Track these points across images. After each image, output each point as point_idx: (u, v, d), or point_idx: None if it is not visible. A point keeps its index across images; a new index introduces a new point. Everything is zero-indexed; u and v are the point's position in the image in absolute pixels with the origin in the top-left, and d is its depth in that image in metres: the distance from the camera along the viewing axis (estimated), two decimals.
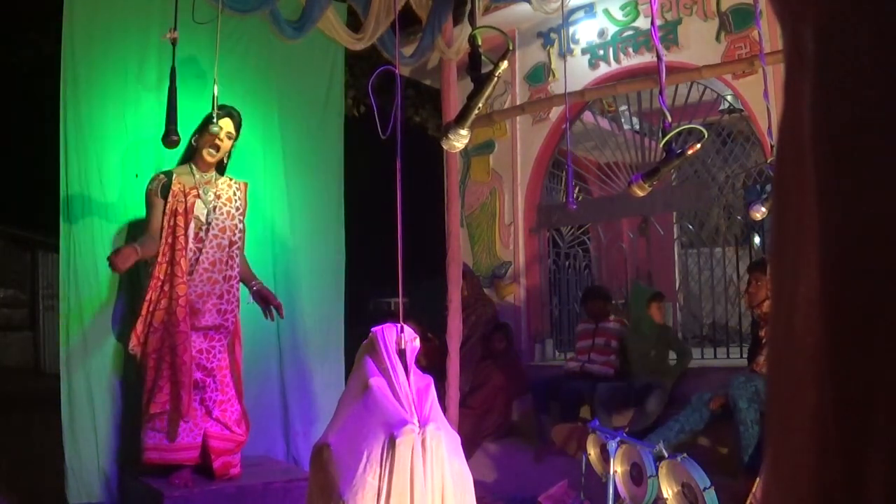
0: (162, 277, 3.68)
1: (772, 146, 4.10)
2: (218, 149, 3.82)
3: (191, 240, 3.73)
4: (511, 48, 2.04)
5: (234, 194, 3.92)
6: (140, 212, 4.04)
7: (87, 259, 3.87)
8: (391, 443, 2.36)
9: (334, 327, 4.96)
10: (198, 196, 3.78)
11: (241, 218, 3.92)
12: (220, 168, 3.97)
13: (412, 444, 2.37)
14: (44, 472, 4.11)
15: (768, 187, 4.33)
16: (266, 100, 4.66)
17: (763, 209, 3.81)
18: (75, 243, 3.84)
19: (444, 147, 2.28)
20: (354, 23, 4.46)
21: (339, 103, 5.14)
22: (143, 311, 3.65)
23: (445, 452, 2.45)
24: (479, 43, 2.15)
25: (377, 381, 2.55)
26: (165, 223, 3.71)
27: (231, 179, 3.96)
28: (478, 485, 2.77)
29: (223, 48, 3.30)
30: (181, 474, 3.59)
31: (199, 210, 3.76)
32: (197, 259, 3.73)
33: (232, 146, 3.92)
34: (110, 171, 3.98)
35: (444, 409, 4.29)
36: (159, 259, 3.70)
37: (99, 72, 3.97)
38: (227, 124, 3.79)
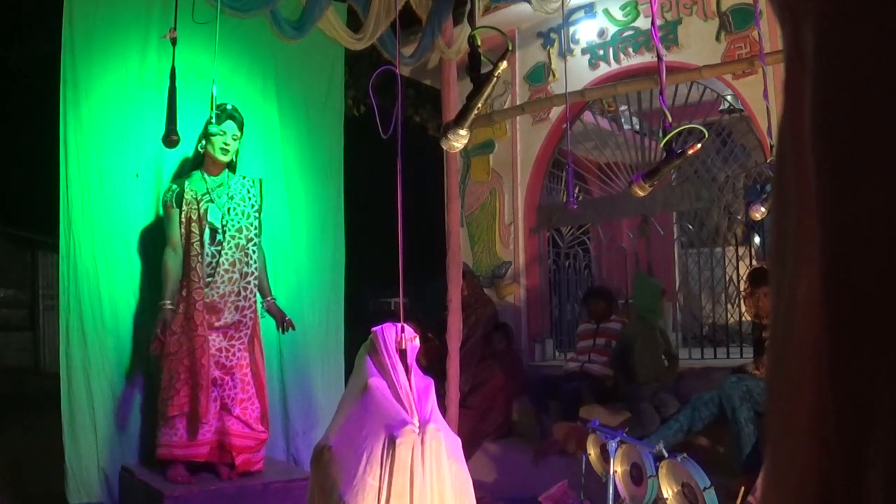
0: (180, 283, 3.72)
1: (772, 146, 4.10)
2: (226, 151, 3.85)
3: (207, 245, 3.76)
4: (510, 48, 2.04)
5: (248, 192, 3.95)
6: (140, 212, 4.05)
7: (87, 259, 3.87)
8: (391, 443, 2.35)
9: (334, 327, 4.96)
10: (211, 201, 3.80)
11: (257, 215, 3.96)
12: (231, 168, 3.99)
13: (412, 445, 2.36)
14: (44, 472, 4.11)
15: (768, 187, 4.33)
16: (266, 100, 4.65)
17: (763, 209, 3.81)
18: (75, 243, 3.84)
19: (444, 147, 2.28)
20: (354, 23, 4.46)
21: (339, 103, 5.14)
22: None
23: (445, 453, 2.45)
24: (479, 43, 2.15)
25: (376, 381, 2.55)
26: (182, 230, 3.76)
27: (244, 178, 3.99)
28: (478, 485, 2.77)
29: (223, 48, 3.30)
30: (177, 471, 3.60)
31: (214, 215, 3.80)
32: (217, 262, 3.77)
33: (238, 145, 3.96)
34: (110, 171, 3.98)
35: (444, 409, 4.30)
36: None
37: (99, 72, 3.97)
38: (230, 127, 3.83)
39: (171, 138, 3.05)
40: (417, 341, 2.72)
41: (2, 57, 9.32)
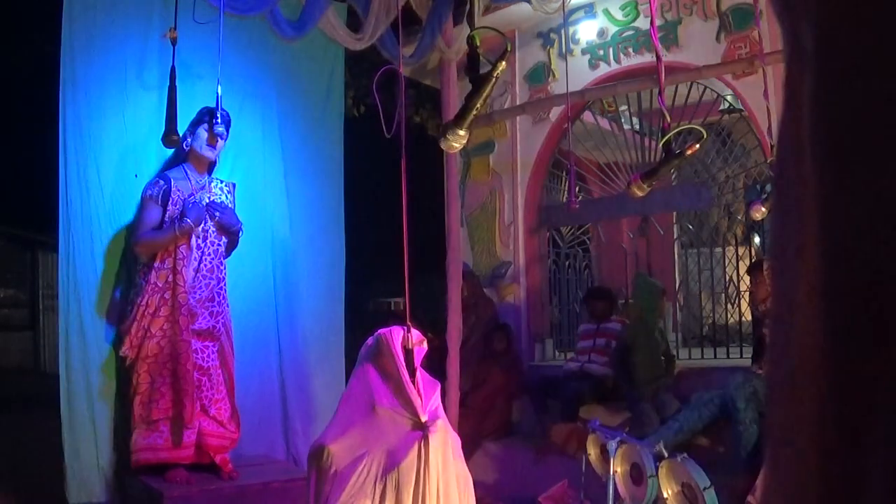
0: (161, 285, 3.69)
1: (772, 146, 4.10)
2: (214, 150, 3.84)
3: (193, 249, 3.74)
4: (509, 49, 2.04)
5: (227, 197, 3.96)
6: None
7: (87, 259, 3.86)
8: (394, 465, 2.36)
9: (334, 327, 4.96)
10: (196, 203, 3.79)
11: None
12: (210, 168, 3.98)
13: (416, 454, 2.37)
14: (44, 472, 4.10)
15: (768, 187, 4.33)
16: (266, 100, 4.65)
17: (763, 209, 3.81)
18: (75, 243, 3.83)
19: (443, 147, 2.28)
20: (354, 23, 4.45)
21: (339, 103, 5.14)
22: (138, 316, 3.66)
23: (450, 450, 2.46)
24: (478, 44, 2.15)
25: (380, 407, 2.52)
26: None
27: (221, 181, 3.98)
28: (478, 485, 2.77)
29: (223, 48, 3.30)
30: (178, 472, 3.60)
31: None
32: (198, 266, 3.76)
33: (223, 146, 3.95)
34: (110, 171, 3.98)
35: (445, 410, 4.30)
36: (157, 264, 3.70)
37: (98, 72, 3.96)
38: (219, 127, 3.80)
39: (171, 138, 3.05)
40: (425, 344, 2.70)
41: (2, 57, 9.32)
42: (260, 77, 4.62)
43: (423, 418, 2.45)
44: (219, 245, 3.86)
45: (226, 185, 4.00)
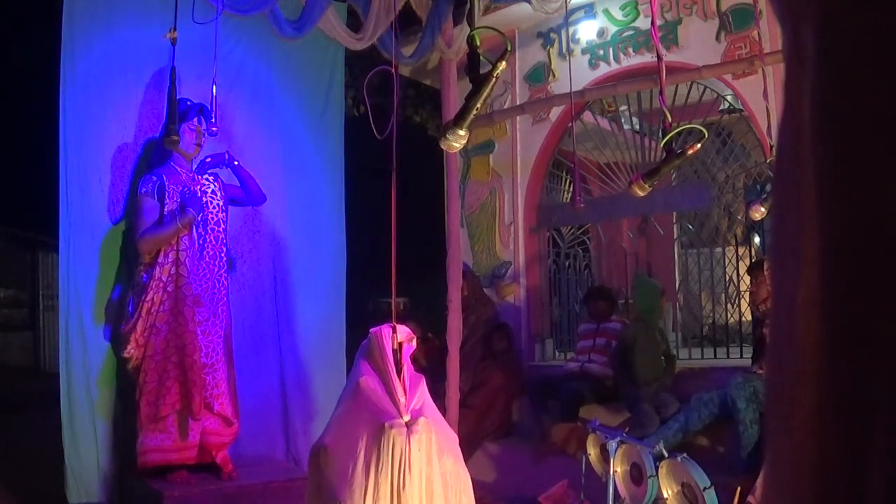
0: (165, 279, 3.69)
1: (772, 146, 4.10)
2: (201, 145, 3.87)
3: (195, 238, 3.75)
4: (509, 49, 2.03)
5: (214, 185, 3.99)
6: None
7: (87, 259, 3.87)
8: (379, 437, 2.38)
9: (335, 327, 4.96)
10: (191, 194, 3.80)
11: (226, 209, 3.98)
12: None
13: (401, 437, 2.38)
14: (44, 472, 4.10)
15: (768, 187, 4.33)
16: (266, 99, 4.65)
17: (763, 209, 3.81)
18: (75, 243, 3.84)
19: (443, 147, 2.28)
20: (354, 23, 4.45)
21: (339, 103, 5.14)
22: (143, 313, 3.66)
23: (436, 446, 2.46)
24: (478, 43, 2.14)
25: (365, 381, 2.57)
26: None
27: (209, 175, 4.00)
28: (478, 485, 2.77)
29: (223, 48, 3.30)
30: (179, 473, 3.61)
31: (196, 208, 3.79)
32: (201, 254, 3.77)
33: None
34: (110, 170, 3.98)
35: (444, 410, 4.30)
36: (160, 259, 3.70)
37: (98, 71, 3.96)
38: (202, 122, 3.83)
39: (171, 138, 3.06)
40: (415, 342, 2.72)
41: (2, 57, 9.32)
42: (260, 77, 4.62)
43: (406, 418, 2.46)
44: (219, 231, 3.87)
45: (211, 175, 4.01)
